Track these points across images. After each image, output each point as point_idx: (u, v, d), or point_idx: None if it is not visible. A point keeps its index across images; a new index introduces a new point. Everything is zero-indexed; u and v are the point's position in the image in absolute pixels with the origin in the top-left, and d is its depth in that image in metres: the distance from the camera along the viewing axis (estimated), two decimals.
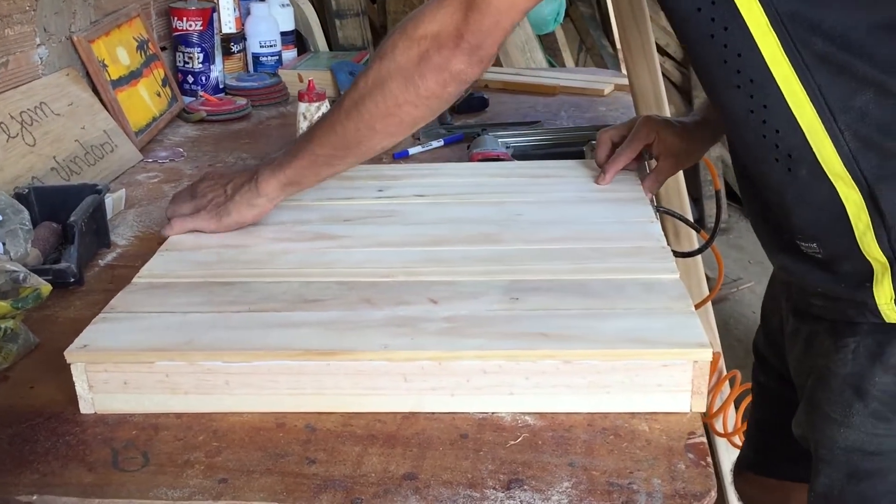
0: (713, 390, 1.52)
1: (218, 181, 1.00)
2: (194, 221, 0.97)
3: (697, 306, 0.80)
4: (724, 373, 1.61)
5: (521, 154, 1.30)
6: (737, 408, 1.50)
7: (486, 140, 1.28)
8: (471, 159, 1.24)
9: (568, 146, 1.33)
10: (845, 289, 0.79)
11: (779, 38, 0.72)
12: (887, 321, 0.78)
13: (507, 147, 1.30)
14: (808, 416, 0.88)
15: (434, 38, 0.81)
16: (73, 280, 0.98)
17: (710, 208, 3.46)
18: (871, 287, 0.77)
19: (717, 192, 1.20)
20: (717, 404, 1.55)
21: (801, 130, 0.74)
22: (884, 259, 0.76)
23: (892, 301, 0.77)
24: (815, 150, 0.74)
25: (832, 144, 0.73)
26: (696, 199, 3.28)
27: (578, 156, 1.25)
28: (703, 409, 0.71)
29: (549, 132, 1.41)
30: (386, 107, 0.84)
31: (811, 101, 0.72)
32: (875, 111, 0.72)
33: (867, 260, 0.76)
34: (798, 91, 0.73)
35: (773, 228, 0.85)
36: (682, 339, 0.71)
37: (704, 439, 0.68)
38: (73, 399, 0.74)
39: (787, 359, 1.00)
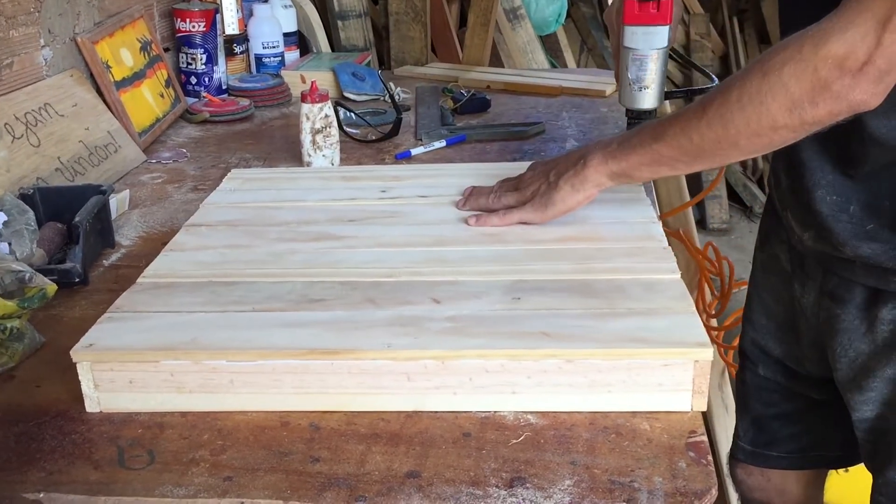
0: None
1: (541, 170, 0.98)
2: (519, 214, 0.96)
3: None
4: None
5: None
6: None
7: None
8: None
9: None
10: None
11: None
12: None
13: None
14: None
15: (838, 62, 0.71)
16: (78, 280, 0.98)
17: (712, 208, 3.47)
18: None
19: None
20: None
21: None
22: None
23: None
24: None
25: None
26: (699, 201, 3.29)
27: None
28: (704, 408, 0.72)
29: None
30: (759, 126, 0.77)
31: None
32: None
33: None
34: None
35: (860, 218, 0.84)
36: (682, 339, 0.72)
37: (705, 438, 0.68)
38: (78, 398, 0.75)
39: (803, 350, 1.01)
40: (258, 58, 1.94)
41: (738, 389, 1.17)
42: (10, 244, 0.96)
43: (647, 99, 1.07)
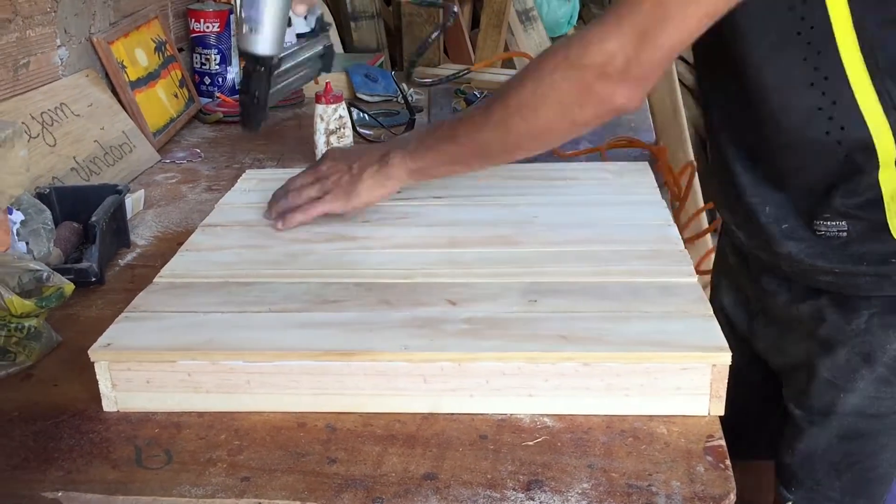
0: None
1: (339, 161, 1.00)
2: (323, 205, 0.98)
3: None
4: None
5: None
6: None
7: None
8: None
9: None
10: (866, 266, 0.83)
11: (857, 37, 0.74)
12: None
13: None
14: (806, 383, 0.91)
15: (600, 69, 0.76)
16: (94, 279, 0.99)
17: None
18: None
19: None
20: None
21: (867, 126, 0.77)
22: None
23: None
24: (876, 143, 0.78)
25: (893, 138, 0.77)
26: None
27: None
28: (722, 413, 0.72)
29: None
30: (537, 129, 0.83)
31: (879, 99, 0.76)
32: None
33: (893, 237, 0.81)
34: (868, 90, 0.76)
35: (776, 218, 0.87)
36: (700, 343, 0.72)
37: (723, 442, 0.68)
38: (95, 397, 0.75)
39: (751, 345, 1.03)
40: None
41: None
42: (27, 243, 0.96)
43: (261, 43, 0.93)
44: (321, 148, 1.32)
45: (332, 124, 1.31)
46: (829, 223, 0.83)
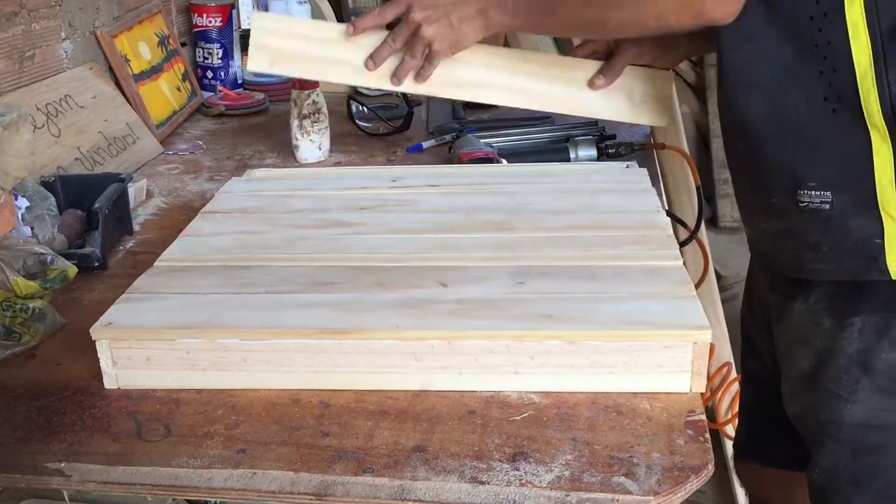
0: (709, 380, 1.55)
1: (432, 11, 1.08)
2: (437, 58, 1.10)
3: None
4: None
5: (506, 154, 1.31)
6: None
7: (469, 140, 1.30)
8: (459, 160, 1.25)
9: (554, 146, 1.36)
10: (851, 246, 0.83)
11: None
12: (894, 277, 0.82)
13: (491, 146, 1.33)
14: (811, 394, 0.91)
15: None
16: (97, 264, 1.01)
17: (723, 207, 3.47)
18: (882, 243, 0.81)
19: (698, 188, 1.26)
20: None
21: (855, 74, 0.78)
22: None
23: None
24: (861, 96, 0.78)
25: (877, 95, 0.78)
26: (710, 198, 3.29)
27: (563, 154, 1.31)
28: (703, 390, 0.74)
29: (532, 131, 1.44)
30: (630, 23, 0.94)
31: (871, 46, 0.77)
32: None
33: (880, 215, 0.80)
34: (862, 33, 0.77)
35: (769, 189, 0.87)
36: (682, 322, 0.74)
37: (704, 417, 0.70)
38: (97, 376, 0.77)
39: (774, 340, 1.02)
40: None
41: (739, 383, 1.18)
42: (32, 228, 0.98)
43: None
44: (295, 132, 1.37)
45: (305, 109, 1.34)
46: (815, 192, 0.83)
